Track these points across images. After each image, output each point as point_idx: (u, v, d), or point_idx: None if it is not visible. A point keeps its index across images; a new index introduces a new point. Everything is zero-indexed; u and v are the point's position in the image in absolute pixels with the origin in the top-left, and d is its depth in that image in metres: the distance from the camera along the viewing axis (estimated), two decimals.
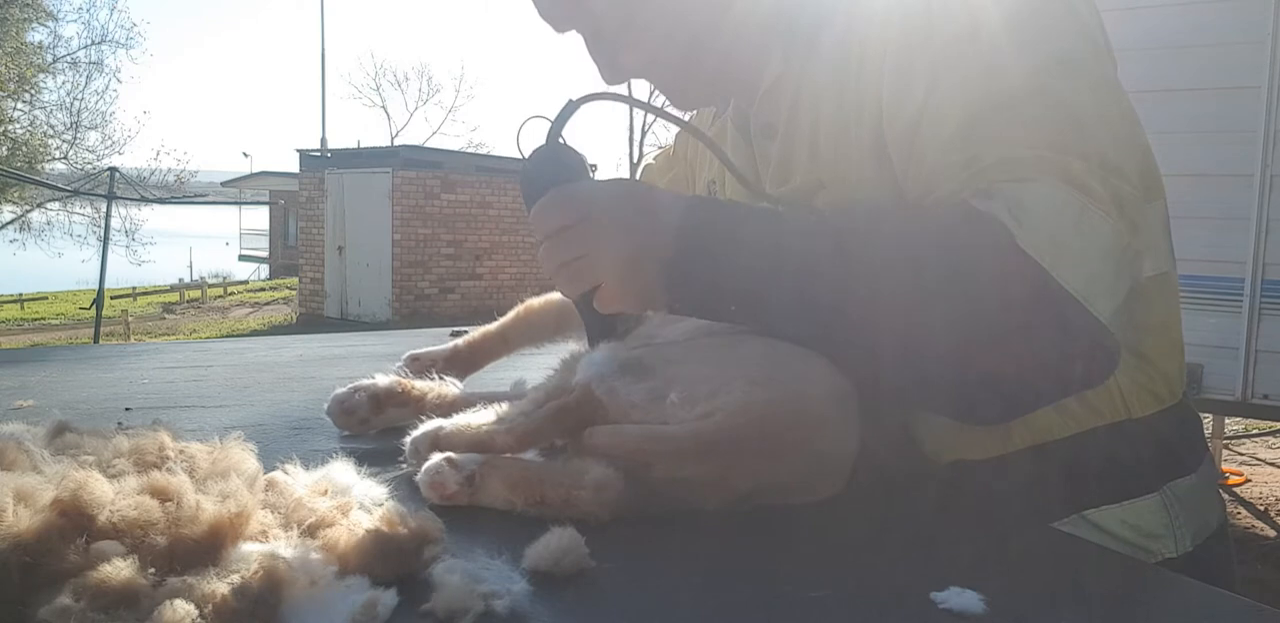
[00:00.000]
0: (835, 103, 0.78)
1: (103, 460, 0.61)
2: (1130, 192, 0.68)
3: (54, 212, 21.35)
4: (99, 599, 0.43)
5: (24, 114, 19.98)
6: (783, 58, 0.82)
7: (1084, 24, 0.73)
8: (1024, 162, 0.66)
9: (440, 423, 0.70)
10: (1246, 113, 3.47)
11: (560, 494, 0.61)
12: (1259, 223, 3.49)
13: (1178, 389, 0.82)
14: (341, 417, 0.84)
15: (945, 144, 0.70)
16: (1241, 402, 3.58)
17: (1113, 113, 0.72)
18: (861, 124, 0.76)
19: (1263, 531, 4.01)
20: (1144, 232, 0.78)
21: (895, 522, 0.66)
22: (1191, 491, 0.80)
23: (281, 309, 16.46)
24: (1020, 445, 0.77)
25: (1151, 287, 0.80)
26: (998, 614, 0.48)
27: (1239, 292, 3.53)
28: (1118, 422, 0.78)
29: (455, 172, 13.02)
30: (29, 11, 19.28)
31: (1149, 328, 0.80)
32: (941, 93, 0.70)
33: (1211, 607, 0.53)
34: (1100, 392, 0.77)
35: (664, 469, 0.62)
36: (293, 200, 17.62)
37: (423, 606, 0.48)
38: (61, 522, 0.48)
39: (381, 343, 1.72)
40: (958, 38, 0.70)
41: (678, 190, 1.00)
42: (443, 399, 0.83)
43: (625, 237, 0.69)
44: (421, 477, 0.63)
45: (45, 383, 1.20)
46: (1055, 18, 0.72)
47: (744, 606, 0.50)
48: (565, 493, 0.61)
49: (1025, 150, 0.67)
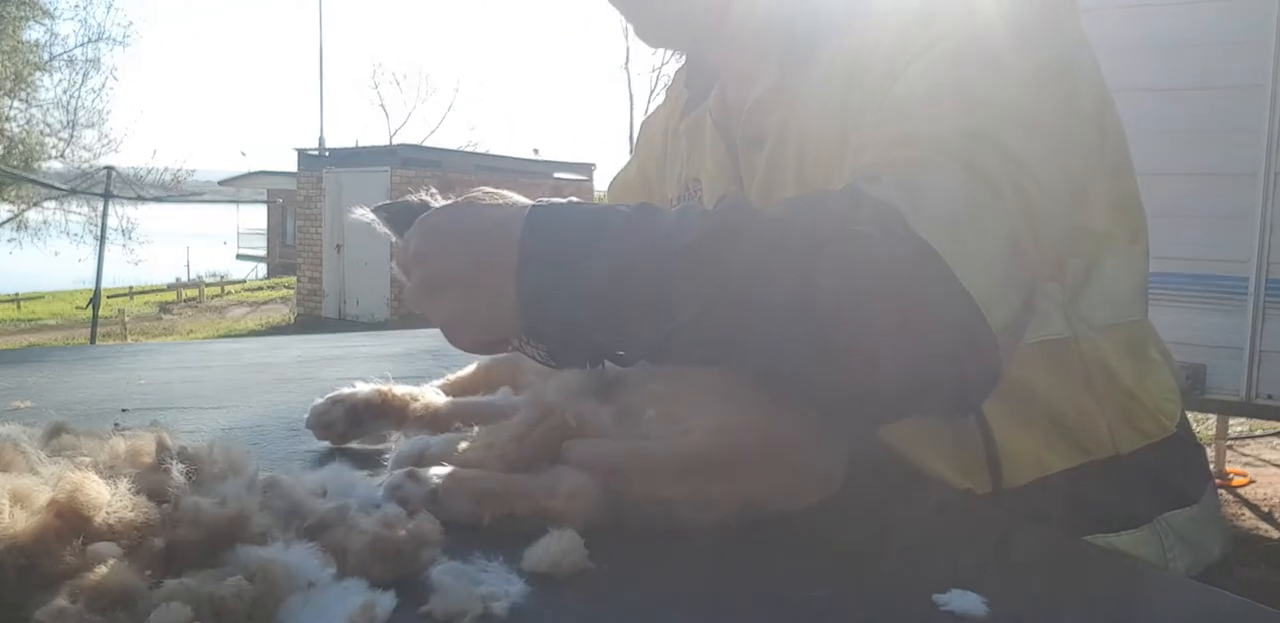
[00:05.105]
0: (827, 120, 0.77)
1: (99, 462, 0.60)
2: (1036, 192, 0.62)
3: (50, 211, 21.34)
4: (95, 601, 0.43)
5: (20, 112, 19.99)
6: (777, 68, 0.81)
7: (1089, 65, 0.73)
8: (922, 138, 0.63)
9: (427, 441, 0.68)
10: (1250, 112, 3.47)
11: (530, 506, 0.59)
12: (1263, 222, 3.48)
13: (1169, 423, 0.81)
14: (320, 430, 0.82)
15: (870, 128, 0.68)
16: (1245, 402, 3.57)
17: (1082, 145, 0.71)
18: (850, 145, 0.73)
19: (1266, 531, 4.02)
20: (1126, 275, 0.78)
21: (897, 523, 0.66)
22: (1190, 522, 0.80)
23: (279, 309, 16.45)
24: (1022, 482, 0.77)
25: (1134, 330, 0.80)
26: (1000, 616, 0.48)
27: (1243, 291, 3.53)
28: (1105, 458, 0.78)
29: (454, 171, 13.01)
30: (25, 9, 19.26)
31: (1133, 368, 0.79)
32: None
33: (1213, 608, 0.53)
34: (1088, 430, 0.77)
35: (644, 485, 0.59)
36: (290, 200, 17.61)
37: (421, 608, 0.47)
38: (58, 523, 0.47)
39: (379, 343, 1.72)
40: (957, 56, 0.68)
41: (651, 199, 1.01)
42: (428, 409, 0.80)
43: (463, 257, 0.64)
44: (382, 493, 0.61)
45: (42, 383, 1.20)
46: (1065, 45, 0.72)
47: (744, 606, 0.50)
48: (535, 505, 0.59)
49: (928, 127, 0.64)
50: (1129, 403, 0.79)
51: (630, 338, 0.63)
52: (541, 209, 0.64)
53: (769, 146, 0.83)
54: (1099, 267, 0.77)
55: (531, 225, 0.62)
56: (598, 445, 0.62)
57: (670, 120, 1.03)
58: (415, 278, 0.66)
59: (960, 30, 0.69)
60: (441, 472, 0.62)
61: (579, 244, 0.61)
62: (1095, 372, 0.77)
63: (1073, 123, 0.70)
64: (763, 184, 0.83)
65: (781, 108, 0.81)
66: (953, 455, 0.77)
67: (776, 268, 0.57)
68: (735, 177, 0.88)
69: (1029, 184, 0.62)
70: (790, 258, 0.57)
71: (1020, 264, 0.62)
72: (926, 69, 0.68)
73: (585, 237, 0.61)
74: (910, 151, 0.63)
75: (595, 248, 0.60)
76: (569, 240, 0.62)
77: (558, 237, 0.62)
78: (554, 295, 0.61)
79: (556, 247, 0.62)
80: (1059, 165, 0.67)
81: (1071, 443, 0.77)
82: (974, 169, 0.61)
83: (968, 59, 0.67)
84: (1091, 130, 0.73)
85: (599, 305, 0.61)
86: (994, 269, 0.59)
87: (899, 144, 0.64)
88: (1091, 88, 0.73)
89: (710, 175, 0.93)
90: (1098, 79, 0.74)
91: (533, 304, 0.62)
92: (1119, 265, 0.78)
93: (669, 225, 0.60)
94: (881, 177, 0.62)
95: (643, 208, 0.63)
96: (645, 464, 0.60)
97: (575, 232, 0.62)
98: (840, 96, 0.75)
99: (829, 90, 0.76)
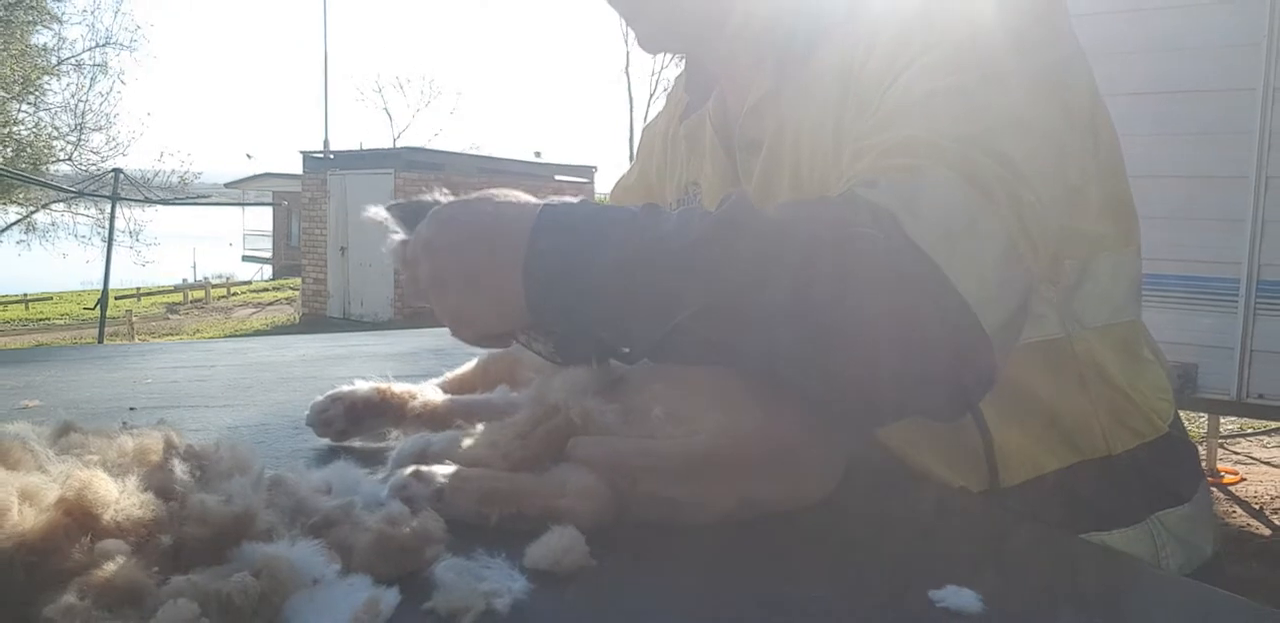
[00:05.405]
0: (821, 123, 0.77)
1: (107, 460, 0.61)
2: (1032, 200, 0.63)
3: (59, 213, 21.39)
4: (103, 598, 0.43)
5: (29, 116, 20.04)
6: (773, 72, 0.81)
7: (1082, 67, 0.73)
8: (920, 144, 0.63)
9: (429, 439, 0.69)
10: (1242, 115, 3.48)
11: (539, 506, 0.59)
12: (1254, 224, 3.49)
13: (1161, 423, 0.81)
14: (320, 428, 0.82)
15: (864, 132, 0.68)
16: (1236, 401, 3.58)
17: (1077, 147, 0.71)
18: (844, 148, 0.73)
19: (1258, 529, 4.01)
20: (1118, 276, 0.78)
21: (894, 521, 0.66)
22: (1183, 520, 0.80)
23: (284, 309, 16.47)
24: (1016, 481, 0.77)
25: (1127, 330, 0.81)
26: (995, 613, 0.48)
27: (1234, 292, 3.53)
28: (1098, 457, 0.78)
29: (457, 173, 13.01)
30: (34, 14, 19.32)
31: (1126, 368, 0.80)
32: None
33: (1206, 606, 0.53)
34: (1082, 429, 0.77)
35: (648, 484, 0.60)
36: (296, 201, 17.62)
37: (424, 604, 0.48)
38: (66, 521, 0.48)
39: (383, 343, 1.72)
40: (956, 60, 0.68)
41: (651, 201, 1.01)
42: (427, 407, 0.80)
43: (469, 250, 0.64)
44: (387, 493, 0.61)
45: (50, 383, 1.21)
46: (1061, 50, 0.72)
47: (744, 604, 0.50)
48: (545, 504, 0.59)
49: (925, 133, 0.64)
50: (1122, 403, 0.79)
51: (632, 334, 0.63)
52: (552, 206, 0.64)
53: (765, 150, 0.83)
54: (1092, 268, 0.78)
55: (542, 220, 0.63)
56: (605, 443, 0.62)
57: (670, 125, 1.03)
58: (424, 269, 0.66)
59: (959, 32, 0.69)
60: (446, 471, 0.62)
61: (586, 239, 0.62)
62: (1088, 372, 0.78)
63: (1067, 126, 0.70)
64: (759, 187, 0.83)
65: (777, 112, 0.82)
66: (949, 455, 0.77)
67: (776, 271, 0.58)
68: (734, 180, 0.88)
69: (1024, 190, 0.63)
70: (789, 261, 0.58)
71: (1015, 269, 0.62)
72: (925, 72, 0.68)
73: (593, 232, 0.62)
74: (907, 158, 0.64)
75: (602, 243, 0.61)
76: (577, 235, 0.62)
77: (567, 231, 0.63)
78: (560, 288, 0.62)
79: (565, 240, 0.62)
80: (1054, 170, 0.67)
81: (1065, 442, 0.78)
82: (970, 175, 0.62)
83: (967, 63, 0.67)
84: (1085, 133, 0.74)
85: (602, 299, 0.61)
86: (989, 274, 0.60)
87: (896, 150, 0.65)
88: (1085, 90, 0.74)
89: (709, 179, 0.93)
90: (1090, 81, 0.75)
91: (539, 296, 0.62)
92: (1112, 266, 0.79)
93: (674, 223, 0.61)
94: (878, 182, 0.62)
95: (650, 207, 0.64)
96: (652, 463, 0.60)
97: (584, 227, 0.63)
98: (835, 99, 0.75)
99: (824, 93, 0.76)
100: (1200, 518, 0.82)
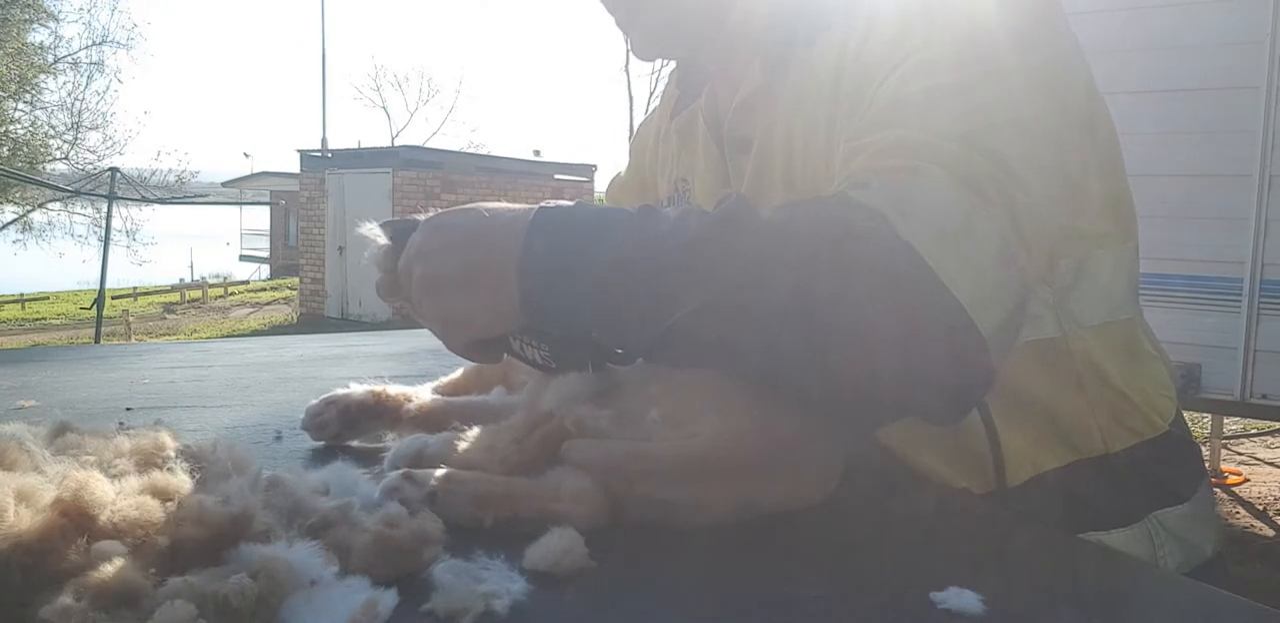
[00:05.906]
0: (813, 120, 0.76)
1: (104, 460, 0.61)
2: (1026, 201, 0.63)
3: (55, 212, 21.38)
4: (100, 599, 0.43)
5: (25, 115, 20.01)
6: (763, 69, 0.81)
7: (1080, 64, 0.73)
8: (914, 145, 0.63)
9: (425, 441, 0.68)
10: (1245, 113, 3.48)
11: (535, 508, 0.59)
12: (1258, 223, 3.49)
13: (1161, 422, 0.81)
14: (314, 431, 0.82)
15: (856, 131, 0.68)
16: (1240, 401, 3.58)
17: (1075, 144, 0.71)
18: (837, 146, 0.73)
19: (1261, 530, 4.02)
20: (1118, 273, 0.78)
21: (895, 522, 0.66)
22: (1182, 519, 0.80)
23: (282, 309, 16.46)
24: (1018, 481, 0.77)
25: (1126, 329, 0.80)
26: (996, 614, 0.48)
27: (1238, 291, 3.54)
28: (1096, 456, 0.78)
29: (455, 172, 13.02)
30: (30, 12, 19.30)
31: (1125, 366, 0.80)
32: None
33: (1208, 606, 0.53)
34: (1079, 429, 0.77)
35: (643, 486, 0.60)
36: (293, 200, 17.62)
37: (423, 606, 0.48)
38: (63, 522, 0.48)
39: (381, 343, 1.72)
40: (954, 58, 0.68)
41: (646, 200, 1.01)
42: (422, 410, 0.80)
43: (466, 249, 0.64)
44: (379, 495, 0.60)
45: (46, 383, 1.21)
46: (1059, 48, 0.72)
47: (743, 605, 0.50)
48: (540, 507, 0.59)
49: (920, 134, 0.64)
50: (1119, 402, 0.79)
51: (628, 334, 0.63)
52: (548, 208, 0.64)
53: (755, 147, 0.83)
54: (1090, 266, 0.78)
55: (537, 221, 0.63)
56: (599, 446, 0.62)
57: (662, 121, 1.03)
58: (417, 274, 0.65)
59: (960, 29, 0.69)
60: (438, 474, 0.62)
61: (583, 238, 0.62)
62: (1085, 371, 0.77)
63: (1065, 125, 0.70)
64: (751, 185, 0.83)
65: (768, 108, 0.81)
66: (952, 455, 0.77)
67: (775, 269, 0.58)
68: (725, 177, 0.88)
69: (1018, 191, 0.63)
70: (789, 260, 0.58)
71: (1010, 270, 0.62)
72: (924, 67, 0.68)
73: (589, 232, 0.62)
74: (901, 159, 0.63)
75: (598, 242, 0.61)
76: (574, 235, 0.62)
77: (562, 232, 0.62)
78: (556, 287, 0.61)
79: (561, 241, 0.62)
80: (1051, 169, 0.67)
81: (1063, 442, 0.77)
82: (964, 176, 0.62)
83: (966, 61, 0.67)
84: (1083, 131, 0.74)
85: (599, 298, 0.61)
86: (983, 275, 0.60)
87: (890, 150, 0.64)
88: (1083, 88, 0.74)
89: (701, 175, 0.93)
90: (1089, 79, 0.74)
91: (535, 296, 0.62)
92: (1110, 265, 0.79)
93: (672, 223, 0.61)
94: (871, 183, 0.62)
95: (646, 208, 0.64)
96: (646, 466, 0.60)
97: (580, 228, 0.62)
98: (828, 95, 0.75)
99: (818, 88, 0.76)
100: (1201, 518, 0.82)
